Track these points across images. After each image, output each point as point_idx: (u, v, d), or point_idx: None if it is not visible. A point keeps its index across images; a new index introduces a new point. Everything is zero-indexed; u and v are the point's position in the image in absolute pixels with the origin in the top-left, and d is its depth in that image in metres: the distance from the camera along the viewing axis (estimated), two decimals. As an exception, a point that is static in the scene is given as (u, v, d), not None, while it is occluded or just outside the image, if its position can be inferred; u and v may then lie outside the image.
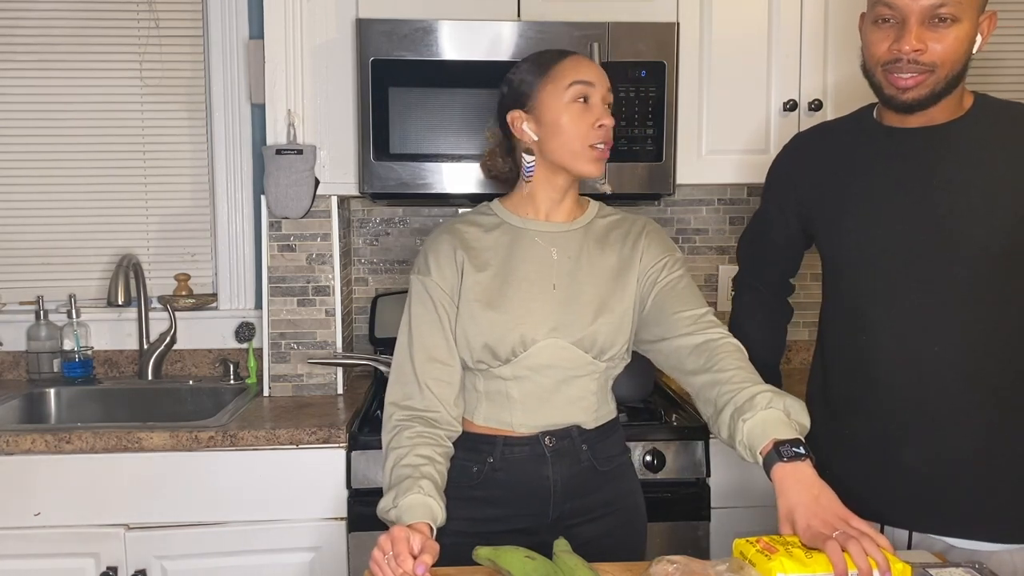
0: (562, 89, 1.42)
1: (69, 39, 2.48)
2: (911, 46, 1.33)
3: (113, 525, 1.91)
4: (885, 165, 1.44)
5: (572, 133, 1.41)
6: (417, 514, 1.26)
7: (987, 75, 2.58)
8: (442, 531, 1.45)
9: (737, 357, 1.35)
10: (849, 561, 1.05)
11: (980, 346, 1.38)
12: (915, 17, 1.33)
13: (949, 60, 1.34)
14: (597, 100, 1.43)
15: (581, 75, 1.42)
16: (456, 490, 1.46)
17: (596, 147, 1.42)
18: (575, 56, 1.47)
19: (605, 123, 1.42)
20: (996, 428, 1.39)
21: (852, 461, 1.48)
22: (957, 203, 1.37)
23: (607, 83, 1.45)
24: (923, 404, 1.40)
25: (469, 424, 1.48)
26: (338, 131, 2.16)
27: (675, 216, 2.61)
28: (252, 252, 2.53)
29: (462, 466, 1.47)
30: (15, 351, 2.48)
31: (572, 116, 1.41)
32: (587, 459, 1.47)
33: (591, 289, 1.45)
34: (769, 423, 1.22)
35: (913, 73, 1.35)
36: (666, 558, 1.12)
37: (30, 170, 2.50)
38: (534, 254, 1.46)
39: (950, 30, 1.32)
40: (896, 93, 1.38)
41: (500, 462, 1.45)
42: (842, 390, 1.51)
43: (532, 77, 1.45)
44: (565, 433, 1.46)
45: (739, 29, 2.20)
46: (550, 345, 1.42)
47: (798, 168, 1.58)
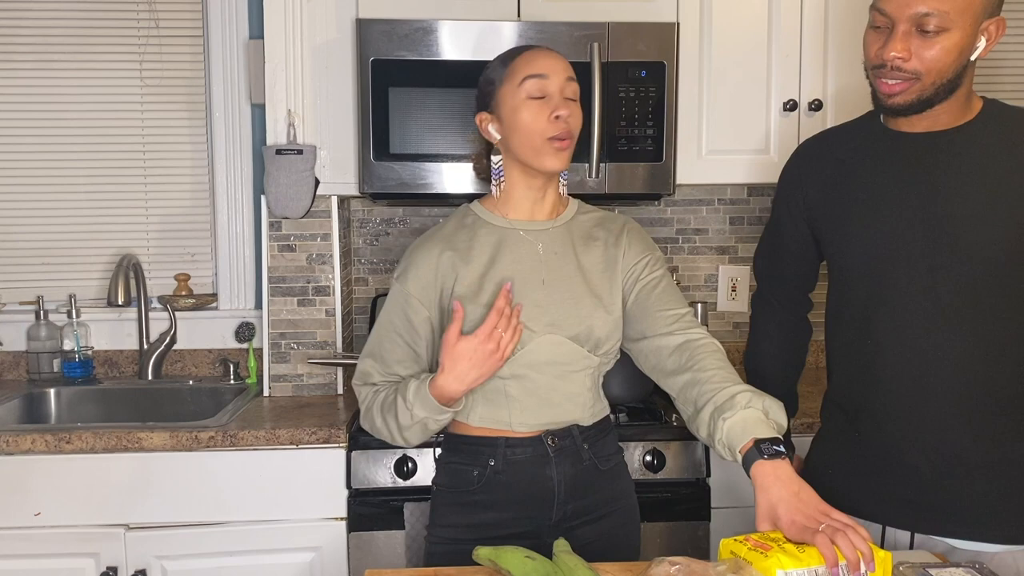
0: (516, 86, 1.40)
1: (69, 39, 2.48)
2: (895, 52, 1.33)
3: (113, 525, 1.91)
4: (890, 169, 1.44)
5: (530, 129, 1.39)
6: (424, 386, 1.36)
7: (988, 76, 2.58)
8: (438, 539, 1.44)
9: (718, 358, 1.36)
10: (839, 553, 1.07)
11: (984, 352, 1.38)
12: (902, 25, 1.33)
13: (935, 69, 1.34)
14: (554, 91, 1.40)
15: (534, 69, 1.40)
16: (453, 496, 1.45)
17: (555, 140, 1.39)
18: (531, 50, 1.44)
19: (561, 114, 1.39)
20: (1000, 432, 1.39)
21: (856, 462, 1.48)
22: (962, 208, 1.37)
23: (566, 72, 1.42)
24: (927, 408, 1.40)
25: (463, 427, 1.47)
26: (338, 131, 2.16)
27: (675, 216, 2.61)
28: (252, 252, 2.53)
29: (459, 470, 1.46)
30: (15, 351, 2.48)
31: (530, 112, 1.39)
32: (588, 458, 1.47)
33: (581, 284, 1.45)
34: (749, 422, 1.23)
35: (897, 80, 1.36)
36: (667, 559, 1.11)
37: (30, 170, 2.50)
38: (522, 252, 1.45)
39: (938, 39, 1.32)
40: (883, 98, 1.39)
41: (502, 464, 1.43)
42: (847, 393, 1.51)
43: (493, 77, 1.45)
44: (566, 432, 1.45)
45: (739, 29, 2.20)
46: (548, 340, 1.41)
47: (805, 173, 1.58)
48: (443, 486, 1.49)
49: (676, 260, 2.60)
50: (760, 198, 2.61)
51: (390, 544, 1.90)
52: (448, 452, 1.50)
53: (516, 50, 1.46)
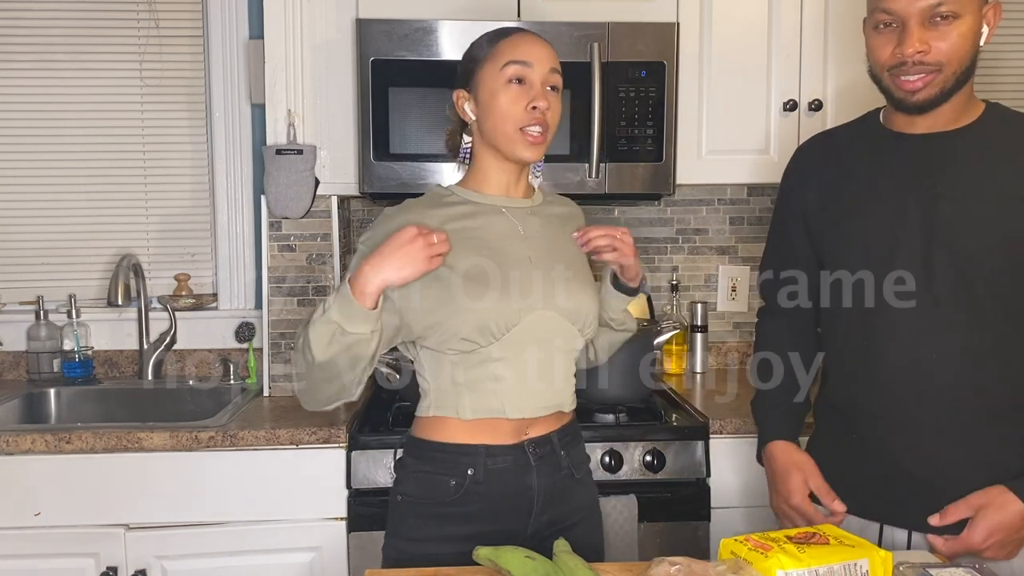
0: (498, 69, 1.37)
1: (69, 39, 2.48)
2: (914, 48, 1.33)
3: (113, 525, 1.91)
4: (889, 170, 1.44)
5: (505, 115, 1.36)
6: (346, 283, 1.25)
7: (988, 76, 2.58)
8: (401, 553, 1.39)
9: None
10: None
11: (982, 354, 1.37)
12: (914, 19, 1.32)
13: (956, 57, 1.33)
14: (536, 81, 1.37)
15: (519, 55, 1.37)
16: (427, 507, 1.39)
17: (530, 131, 1.37)
18: (519, 34, 1.40)
19: (539, 105, 1.36)
20: (996, 434, 1.39)
21: (853, 462, 1.48)
22: (961, 211, 1.37)
23: (551, 63, 1.38)
24: (924, 410, 1.39)
25: (441, 432, 1.40)
26: (338, 131, 2.16)
27: (675, 216, 2.61)
28: (252, 252, 2.53)
29: (435, 481, 1.39)
30: (15, 351, 2.48)
31: (508, 97, 1.36)
32: (566, 466, 1.45)
33: (563, 264, 1.44)
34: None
35: (920, 74, 1.34)
36: (667, 559, 1.11)
37: (30, 170, 2.50)
38: (504, 229, 1.42)
39: (952, 27, 1.32)
40: (905, 96, 1.37)
41: (483, 474, 1.38)
42: (845, 394, 1.50)
43: (478, 53, 1.41)
44: (546, 440, 1.43)
45: (739, 29, 2.20)
46: (542, 317, 1.38)
47: (805, 174, 1.58)
48: (412, 496, 1.41)
49: (676, 260, 2.60)
50: (760, 198, 2.61)
51: (390, 544, 1.90)
52: (418, 460, 1.42)
53: (504, 31, 1.42)
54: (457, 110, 1.45)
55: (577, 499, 1.47)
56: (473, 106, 1.41)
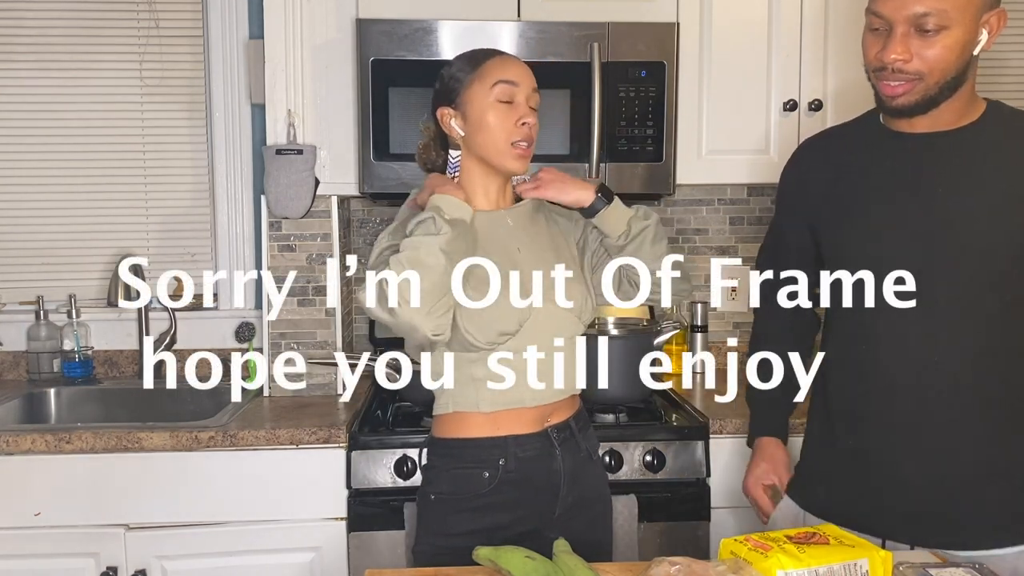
0: (487, 88, 1.46)
1: (69, 39, 2.48)
2: (896, 55, 1.32)
3: (113, 525, 1.91)
4: (890, 170, 1.43)
5: (496, 130, 1.46)
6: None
7: (988, 76, 2.57)
8: (439, 549, 1.44)
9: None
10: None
11: (981, 357, 1.37)
12: (901, 26, 1.32)
13: (939, 67, 1.32)
14: (521, 99, 1.47)
15: (506, 75, 1.46)
16: (461, 502, 1.46)
17: (518, 145, 1.47)
18: (503, 56, 1.51)
19: (528, 121, 1.46)
20: (997, 439, 1.38)
21: (851, 474, 1.46)
22: (961, 211, 1.36)
23: (532, 83, 1.49)
24: (923, 415, 1.38)
25: (466, 428, 1.48)
26: (338, 131, 2.16)
27: (675, 216, 2.61)
28: (252, 252, 2.53)
29: (469, 475, 1.47)
30: (15, 351, 2.48)
31: (497, 114, 1.45)
32: (584, 448, 1.55)
33: (554, 255, 1.53)
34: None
35: (900, 81, 1.34)
36: (667, 559, 1.11)
37: (30, 170, 2.50)
38: (501, 233, 1.51)
39: (938, 38, 1.31)
40: (886, 99, 1.38)
41: (514, 463, 1.47)
42: (842, 401, 1.49)
43: (461, 75, 1.49)
44: (565, 425, 1.53)
45: (739, 29, 2.20)
46: (547, 311, 1.48)
47: (805, 173, 1.57)
48: (447, 493, 1.49)
49: (676, 260, 2.60)
50: (760, 198, 2.61)
51: (390, 544, 1.90)
52: (447, 459, 1.50)
53: (485, 52, 1.51)
54: (442, 127, 1.52)
55: (594, 480, 1.59)
56: (461, 123, 1.49)
